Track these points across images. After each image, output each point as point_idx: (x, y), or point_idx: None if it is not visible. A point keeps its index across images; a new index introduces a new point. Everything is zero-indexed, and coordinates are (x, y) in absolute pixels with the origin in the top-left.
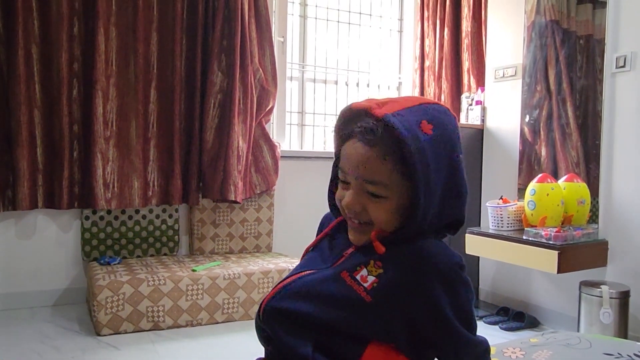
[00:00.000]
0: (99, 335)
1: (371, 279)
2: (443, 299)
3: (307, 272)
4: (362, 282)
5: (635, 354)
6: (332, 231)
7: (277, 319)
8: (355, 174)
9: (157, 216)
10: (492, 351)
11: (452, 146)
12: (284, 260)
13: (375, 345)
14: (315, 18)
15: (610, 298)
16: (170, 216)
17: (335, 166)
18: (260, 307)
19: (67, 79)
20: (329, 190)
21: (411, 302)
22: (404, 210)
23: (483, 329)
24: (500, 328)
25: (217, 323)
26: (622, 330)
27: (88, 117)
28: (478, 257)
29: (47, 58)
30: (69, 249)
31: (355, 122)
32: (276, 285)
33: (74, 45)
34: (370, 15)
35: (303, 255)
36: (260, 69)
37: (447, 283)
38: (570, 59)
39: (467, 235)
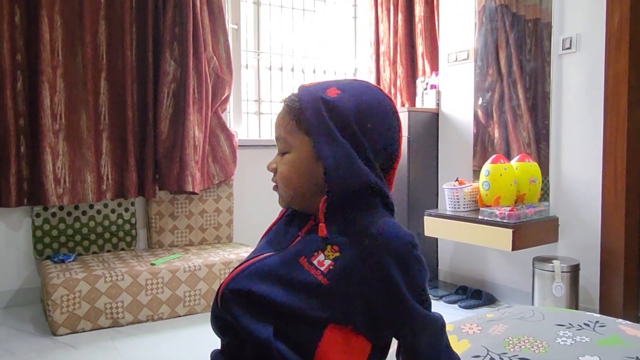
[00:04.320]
0: (55, 335)
1: (328, 262)
2: (398, 278)
3: (266, 254)
4: (319, 267)
5: (585, 323)
6: (288, 214)
7: (237, 301)
8: (275, 137)
9: (113, 210)
10: (450, 328)
11: (364, 112)
12: (245, 250)
13: (333, 328)
14: (269, 5)
15: (562, 272)
16: (127, 210)
17: None
18: (218, 292)
19: (10, 71)
20: None
21: (367, 282)
22: (309, 166)
23: (443, 308)
24: (460, 306)
25: (179, 316)
26: (574, 302)
27: (35, 110)
28: (437, 239)
29: None
30: (20, 248)
31: None
32: (235, 269)
33: (15, 35)
34: (325, 1)
35: (261, 239)
36: (215, 57)
37: (401, 262)
38: (519, 42)
39: (425, 217)
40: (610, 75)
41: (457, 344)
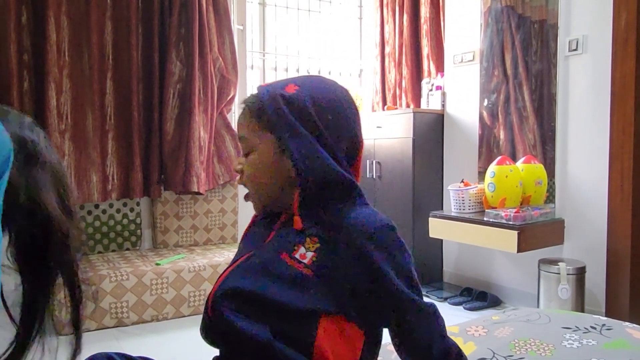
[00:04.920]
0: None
1: (310, 254)
2: (380, 260)
3: (247, 255)
4: (301, 260)
5: (591, 326)
6: (263, 214)
7: (229, 305)
8: (238, 138)
9: (118, 210)
10: (456, 330)
11: (323, 105)
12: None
13: (326, 320)
14: (275, 5)
15: (568, 274)
16: (132, 210)
17: None
18: (207, 302)
19: (17, 71)
20: None
21: (350, 269)
22: (276, 163)
23: (447, 310)
24: (464, 308)
25: (184, 317)
26: (579, 304)
27: (41, 110)
28: (441, 240)
29: None
30: None
31: None
32: (220, 275)
33: (22, 36)
34: (330, 2)
35: (240, 242)
36: (220, 58)
37: (382, 246)
38: (525, 44)
39: (430, 218)
40: (617, 77)
41: (463, 347)
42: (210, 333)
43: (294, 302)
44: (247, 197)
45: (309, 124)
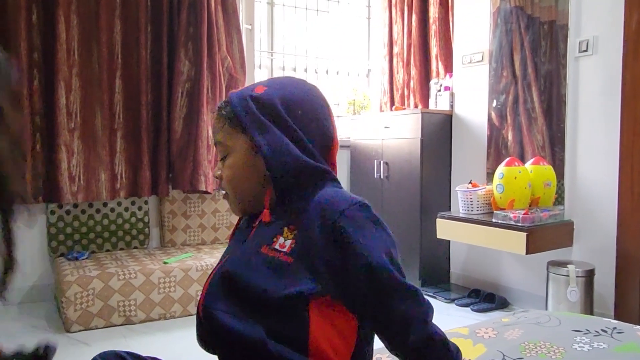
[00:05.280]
0: (68, 332)
1: (288, 242)
2: (350, 232)
3: (229, 256)
4: (281, 249)
5: (602, 330)
6: (246, 216)
7: (220, 307)
8: (214, 144)
9: (126, 209)
10: (465, 332)
11: (291, 102)
12: None
13: (316, 307)
14: (283, 5)
15: (577, 277)
16: (140, 208)
17: None
18: (198, 307)
19: (27, 70)
20: None
21: (325, 245)
22: (251, 162)
23: (455, 311)
24: (472, 310)
25: (191, 315)
26: (588, 307)
27: (50, 109)
28: (449, 241)
29: (5, 48)
30: (35, 245)
31: None
32: (208, 277)
33: (33, 34)
34: (339, 1)
35: (229, 243)
36: (229, 57)
37: (351, 219)
38: (534, 45)
39: (438, 219)
40: (628, 78)
41: (472, 348)
42: (205, 338)
43: (280, 290)
44: (225, 197)
45: (280, 122)
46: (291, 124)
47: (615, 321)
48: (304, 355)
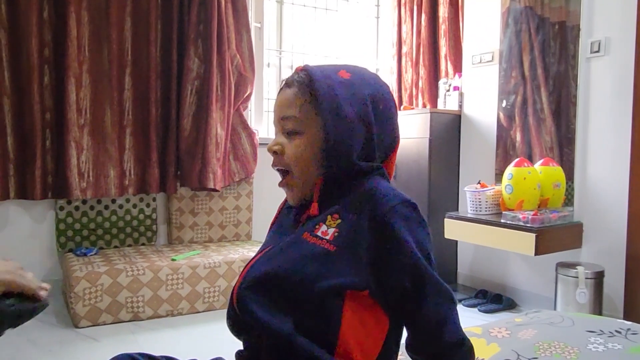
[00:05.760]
0: (76, 327)
1: (332, 230)
2: (400, 229)
3: (271, 246)
4: (323, 236)
5: (616, 330)
6: (287, 205)
7: (253, 296)
8: (276, 116)
9: (135, 205)
10: (478, 331)
11: (377, 96)
12: None
13: (352, 301)
14: (292, 4)
15: (586, 278)
16: (148, 205)
17: None
18: (233, 293)
19: (38, 66)
20: None
21: (371, 239)
22: (319, 148)
23: (462, 312)
24: (479, 310)
25: (198, 312)
26: (597, 309)
27: (61, 105)
28: (456, 242)
29: (16, 44)
30: (44, 240)
31: None
32: (246, 265)
33: (44, 31)
34: (348, 0)
35: (268, 233)
36: (238, 55)
37: (402, 216)
38: (544, 45)
39: (445, 219)
40: None
41: (486, 348)
42: (236, 325)
43: (318, 280)
44: (284, 184)
45: (362, 113)
46: (372, 119)
47: (629, 322)
48: (331, 352)
